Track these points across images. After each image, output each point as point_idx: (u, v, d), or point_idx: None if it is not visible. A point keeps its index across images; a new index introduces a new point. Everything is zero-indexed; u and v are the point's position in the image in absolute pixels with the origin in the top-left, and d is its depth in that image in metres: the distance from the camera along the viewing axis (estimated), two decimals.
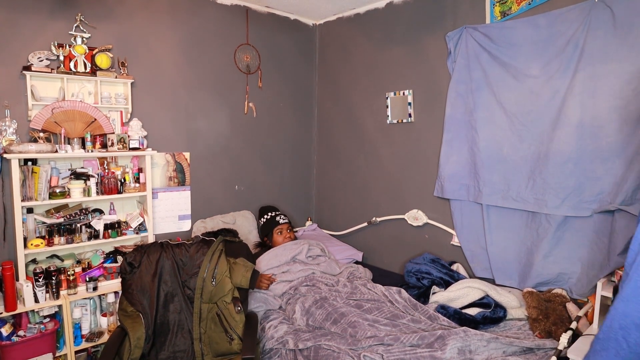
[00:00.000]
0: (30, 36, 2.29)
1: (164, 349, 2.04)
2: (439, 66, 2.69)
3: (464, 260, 2.63)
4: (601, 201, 2.00)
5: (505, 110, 2.32)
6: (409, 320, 2.04)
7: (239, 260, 2.19)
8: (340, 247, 3.17)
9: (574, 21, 2.05)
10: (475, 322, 2.04)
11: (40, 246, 2.21)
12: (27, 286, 2.10)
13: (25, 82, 2.25)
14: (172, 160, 2.87)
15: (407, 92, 2.87)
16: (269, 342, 2.06)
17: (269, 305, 2.32)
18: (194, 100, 2.95)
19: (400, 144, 2.98)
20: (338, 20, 3.41)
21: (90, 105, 2.39)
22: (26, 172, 2.17)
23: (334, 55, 3.46)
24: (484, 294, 2.21)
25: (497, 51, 2.33)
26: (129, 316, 1.99)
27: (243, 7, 3.14)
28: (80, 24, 2.42)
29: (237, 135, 3.20)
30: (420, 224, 2.86)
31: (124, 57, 2.59)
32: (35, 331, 2.12)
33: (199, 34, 2.93)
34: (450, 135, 2.60)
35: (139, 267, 2.13)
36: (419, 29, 2.80)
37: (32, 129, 2.27)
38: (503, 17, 2.34)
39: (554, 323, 1.92)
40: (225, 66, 3.08)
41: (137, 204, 2.70)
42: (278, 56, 3.39)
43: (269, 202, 3.43)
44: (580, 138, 2.05)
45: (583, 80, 2.02)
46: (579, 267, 2.12)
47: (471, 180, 2.51)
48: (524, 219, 2.31)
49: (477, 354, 1.75)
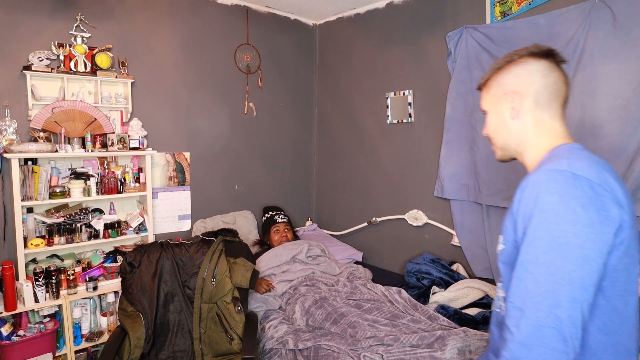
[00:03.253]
0: (30, 36, 2.29)
1: (164, 349, 2.04)
2: (439, 66, 2.69)
3: (464, 260, 2.63)
4: None
5: None
6: (408, 321, 2.04)
7: (239, 260, 2.19)
8: (340, 247, 3.17)
9: (574, 21, 2.05)
10: (476, 322, 2.04)
11: (40, 246, 2.21)
12: (27, 286, 2.10)
13: (26, 82, 2.25)
14: (172, 160, 2.87)
15: (407, 92, 2.87)
16: (269, 342, 2.06)
17: (269, 305, 2.32)
18: (194, 100, 2.95)
19: (400, 144, 2.98)
20: (338, 20, 3.41)
21: (90, 105, 2.39)
22: (26, 172, 2.17)
23: (334, 55, 3.46)
24: (484, 294, 2.21)
25: (498, 51, 2.33)
26: (129, 316, 1.99)
27: (243, 7, 3.14)
28: (81, 23, 2.42)
29: (237, 135, 3.20)
30: (420, 224, 2.86)
31: (124, 57, 2.59)
32: (35, 331, 2.12)
33: (199, 34, 2.93)
34: (450, 135, 2.60)
35: (139, 267, 2.13)
36: (419, 29, 2.80)
37: (32, 128, 2.27)
38: (503, 17, 2.34)
39: None
40: (226, 66, 3.08)
41: (137, 203, 2.70)
42: (278, 56, 3.39)
43: (269, 202, 3.43)
44: (580, 138, 2.04)
45: (583, 81, 2.02)
46: None
47: (471, 180, 2.51)
48: None
49: (477, 354, 1.75)
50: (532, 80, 0.91)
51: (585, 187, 0.75)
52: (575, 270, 0.72)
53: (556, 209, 0.75)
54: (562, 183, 0.76)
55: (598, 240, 0.73)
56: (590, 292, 0.73)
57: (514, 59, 0.93)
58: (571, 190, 0.75)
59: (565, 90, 0.93)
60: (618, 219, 0.75)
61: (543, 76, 0.91)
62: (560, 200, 0.75)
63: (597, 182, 0.76)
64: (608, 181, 0.77)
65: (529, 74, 0.91)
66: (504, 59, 0.95)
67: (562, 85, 0.92)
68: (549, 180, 0.77)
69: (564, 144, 0.92)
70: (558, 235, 0.73)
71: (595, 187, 0.75)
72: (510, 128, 0.95)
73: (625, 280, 0.78)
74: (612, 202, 0.75)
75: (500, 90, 0.95)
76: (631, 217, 0.79)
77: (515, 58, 0.93)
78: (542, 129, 0.93)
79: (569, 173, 0.77)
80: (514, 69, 0.93)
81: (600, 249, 0.73)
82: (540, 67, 0.91)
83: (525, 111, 0.92)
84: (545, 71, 0.91)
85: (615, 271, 0.76)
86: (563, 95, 0.93)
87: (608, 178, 0.78)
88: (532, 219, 0.77)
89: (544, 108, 0.92)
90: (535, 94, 0.91)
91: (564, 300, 0.71)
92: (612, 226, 0.74)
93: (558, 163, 0.80)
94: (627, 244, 0.76)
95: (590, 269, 0.72)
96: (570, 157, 0.83)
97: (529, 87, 0.91)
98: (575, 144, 0.91)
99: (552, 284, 0.72)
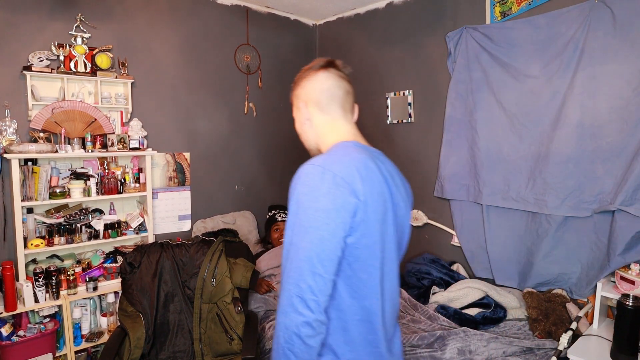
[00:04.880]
0: (30, 36, 2.29)
1: (164, 349, 2.04)
2: (439, 66, 2.69)
3: (464, 260, 2.63)
4: (601, 201, 2.00)
5: (505, 110, 2.32)
6: (409, 321, 2.04)
7: (239, 261, 2.19)
8: None
9: (574, 21, 2.05)
10: (475, 322, 2.04)
11: (40, 246, 2.21)
12: (27, 286, 2.10)
13: (26, 82, 2.25)
14: (172, 160, 2.87)
15: (407, 93, 2.87)
16: (269, 342, 2.06)
17: (269, 306, 2.32)
18: (194, 100, 2.95)
19: (400, 144, 2.98)
20: (338, 20, 3.41)
21: (90, 105, 2.39)
22: (26, 172, 2.17)
23: (334, 56, 3.42)
24: (484, 294, 2.21)
25: (497, 51, 2.33)
26: (129, 316, 1.99)
27: (243, 7, 3.15)
28: (81, 24, 2.42)
29: (237, 136, 3.20)
30: (420, 224, 2.86)
31: (124, 57, 2.59)
32: (35, 331, 2.12)
33: (199, 34, 2.93)
34: (450, 136, 2.60)
35: (139, 267, 2.13)
36: (419, 29, 2.80)
37: (32, 129, 2.27)
38: (503, 18, 2.34)
39: (554, 323, 1.92)
40: (226, 66, 3.08)
41: (137, 204, 2.70)
42: (278, 56, 3.39)
43: (269, 202, 3.43)
44: (580, 138, 2.05)
45: (583, 81, 2.02)
46: (578, 267, 2.12)
47: (471, 181, 2.51)
48: (524, 219, 2.31)
49: (477, 354, 1.75)
50: (314, 89, 1.08)
51: (329, 180, 0.89)
52: (313, 249, 0.87)
53: (305, 199, 0.90)
54: (312, 176, 0.91)
55: (332, 223, 0.87)
56: (327, 266, 0.87)
57: (302, 75, 1.11)
58: (318, 182, 0.89)
59: (340, 95, 1.09)
60: (353, 207, 0.89)
61: (321, 84, 1.08)
62: (309, 191, 0.90)
63: (340, 176, 0.89)
64: (351, 175, 0.90)
65: (312, 84, 1.09)
66: (298, 75, 1.13)
67: (336, 90, 1.09)
68: (306, 174, 0.92)
69: (343, 141, 1.05)
70: (304, 220, 0.89)
71: (337, 180, 0.89)
72: (307, 130, 1.12)
73: (367, 256, 0.93)
74: (349, 193, 0.89)
75: (296, 101, 1.12)
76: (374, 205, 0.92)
77: (303, 74, 1.11)
78: (328, 128, 1.09)
79: (320, 168, 0.91)
80: (303, 82, 1.10)
81: (334, 231, 0.88)
82: (319, 77, 1.09)
83: (314, 115, 1.09)
84: (323, 80, 1.08)
85: (356, 249, 0.91)
86: (340, 99, 1.09)
87: (353, 172, 0.91)
88: (290, 207, 0.93)
89: (326, 111, 1.08)
90: (317, 101, 1.08)
91: (306, 273, 0.86)
92: (346, 214, 0.88)
93: (318, 158, 0.95)
94: (363, 228, 0.91)
95: (325, 247, 0.87)
96: (334, 153, 0.98)
97: (313, 95, 1.09)
98: (350, 141, 1.04)
99: (298, 262, 0.87)
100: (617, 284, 1.79)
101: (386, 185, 0.99)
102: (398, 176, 1.08)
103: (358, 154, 0.97)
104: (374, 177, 0.95)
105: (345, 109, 1.11)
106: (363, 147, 1.04)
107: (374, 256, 0.95)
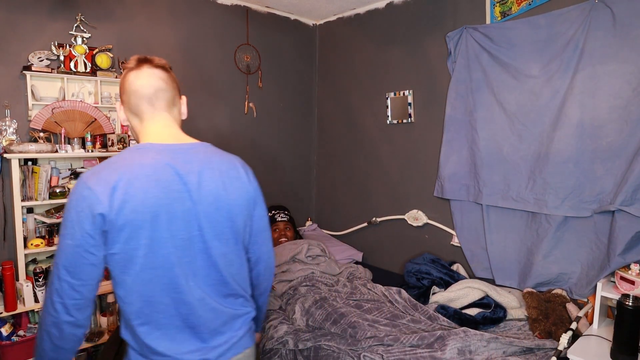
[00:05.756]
0: (30, 36, 2.29)
1: None
2: (439, 66, 2.69)
3: (464, 260, 2.63)
4: (601, 201, 2.00)
5: (505, 110, 2.32)
6: (408, 321, 2.04)
7: None
8: (340, 247, 3.17)
9: (574, 21, 2.05)
10: (475, 323, 2.04)
11: (40, 246, 2.21)
12: (27, 286, 2.10)
13: (26, 82, 2.25)
14: None
15: (407, 92, 2.87)
16: (269, 342, 2.06)
17: (269, 306, 2.32)
18: (194, 100, 2.95)
19: (400, 144, 2.98)
20: (338, 20, 3.41)
21: (90, 105, 2.39)
22: (26, 172, 2.17)
23: (334, 56, 3.46)
24: (484, 294, 2.21)
25: (497, 51, 2.33)
26: None
27: (243, 7, 3.15)
28: (81, 24, 2.42)
29: (237, 135, 3.20)
30: (420, 224, 2.86)
31: (124, 57, 2.59)
32: (35, 331, 2.12)
33: (199, 34, 2.93)
34: (450, 135, 2.60)
35: None
36: (419, 29, 2.80)
37: (32, 128, 2.27)
38: (503, 18, 2.34)
39: (554, 323, 1.92)
40: (226, 66, 3.08)
41: None
42: (278, 56, 3.39)
43: (269, 202, 3.42)
44: (580, 138, 2.05)
45: (583, 81, 2.02)
46: (578, 267, 2.12)
47: (471, 181, 2.51)
48: (524, 219, 2.31)
49: (477, 354, 1.75)
50: (125, 92, 1.06)
51: (78, 192, 0.94)
52: (59, 256, 0.95)
53: (66, 208, 0.95)
54: (74, 187, 0.96)
55: (75, 232, 0.93)
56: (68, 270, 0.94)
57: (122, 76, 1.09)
58: (71, 194, 0.95)
59: (149, 94, 1.05)
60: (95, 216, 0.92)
61: (129, 86, 1.05)
62: (68, 201, 0.95)
63: (89, 186, 0.93)
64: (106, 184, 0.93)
65: (122, 87, 1.07)
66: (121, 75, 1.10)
67: (145, 90, 1.04)
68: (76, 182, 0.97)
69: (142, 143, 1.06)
70: (62, 227, 0.95)
71: (85, 191, 0.93)
72: (130, 130, 1.15)
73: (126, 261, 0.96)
74: (96, 203, 0.91)
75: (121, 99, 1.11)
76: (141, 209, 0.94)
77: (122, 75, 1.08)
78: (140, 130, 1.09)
79: (81, 178, 0.96)
80: (120, 83, 1.09)
81: (74, 240, 0.93)
82: (128, 79, 1.05)
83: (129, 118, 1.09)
84: (131, 81, 1.05)
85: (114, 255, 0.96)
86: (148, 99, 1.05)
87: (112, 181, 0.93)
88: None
89: (135, 112, 1.07)
90: (127, 102, 1.07)
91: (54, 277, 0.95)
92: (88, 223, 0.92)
93: (92, 167, 0.99)
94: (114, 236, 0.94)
95: (66, 254, 0.94)
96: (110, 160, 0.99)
97: (124, 98, 1.07)
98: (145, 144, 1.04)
99: (54, 267, 0.96)
100: (617, 284, 1.79)
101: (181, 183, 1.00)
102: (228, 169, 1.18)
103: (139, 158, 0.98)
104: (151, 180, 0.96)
105: (157, 107, 1.07)
106: (162, 147, 1.03)
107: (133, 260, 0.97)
